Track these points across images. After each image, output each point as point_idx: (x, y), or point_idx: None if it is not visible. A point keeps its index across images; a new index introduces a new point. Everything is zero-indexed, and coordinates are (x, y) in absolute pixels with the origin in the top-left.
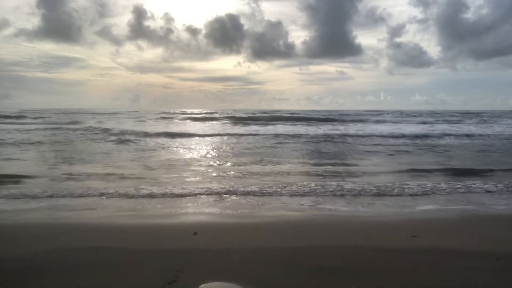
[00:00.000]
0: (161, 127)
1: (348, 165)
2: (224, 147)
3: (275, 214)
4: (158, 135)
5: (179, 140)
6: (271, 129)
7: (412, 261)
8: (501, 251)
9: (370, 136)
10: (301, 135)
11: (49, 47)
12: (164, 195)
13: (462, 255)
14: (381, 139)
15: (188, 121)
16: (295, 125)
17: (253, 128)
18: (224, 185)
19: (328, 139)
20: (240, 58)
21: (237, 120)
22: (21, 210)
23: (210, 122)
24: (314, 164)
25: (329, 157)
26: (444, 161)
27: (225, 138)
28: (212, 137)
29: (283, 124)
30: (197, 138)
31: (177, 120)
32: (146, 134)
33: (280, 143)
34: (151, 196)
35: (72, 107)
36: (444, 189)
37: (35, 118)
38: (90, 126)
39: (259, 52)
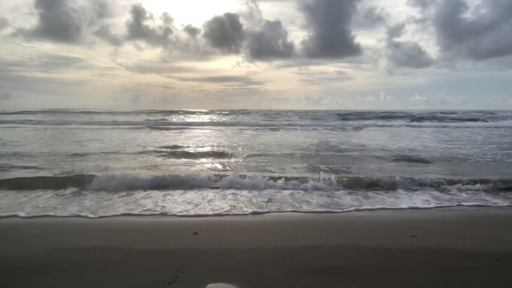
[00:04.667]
0: None
1: None
2: None
3: (275, 214)
4: None
5: None
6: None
7: (412, 261)
8: (501, 251)
9: None
10: None
11: (49, 47)
12: None
13: (462, 255)
14: None
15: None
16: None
17: None
18: None
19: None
20: (239, 58)
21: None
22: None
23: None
24: None
25: None
26: None
27: None
28: None
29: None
30: None
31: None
32: None
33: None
34: None
35: (70, 107)
36: None
37: None
38: None
39: (258, 52)
